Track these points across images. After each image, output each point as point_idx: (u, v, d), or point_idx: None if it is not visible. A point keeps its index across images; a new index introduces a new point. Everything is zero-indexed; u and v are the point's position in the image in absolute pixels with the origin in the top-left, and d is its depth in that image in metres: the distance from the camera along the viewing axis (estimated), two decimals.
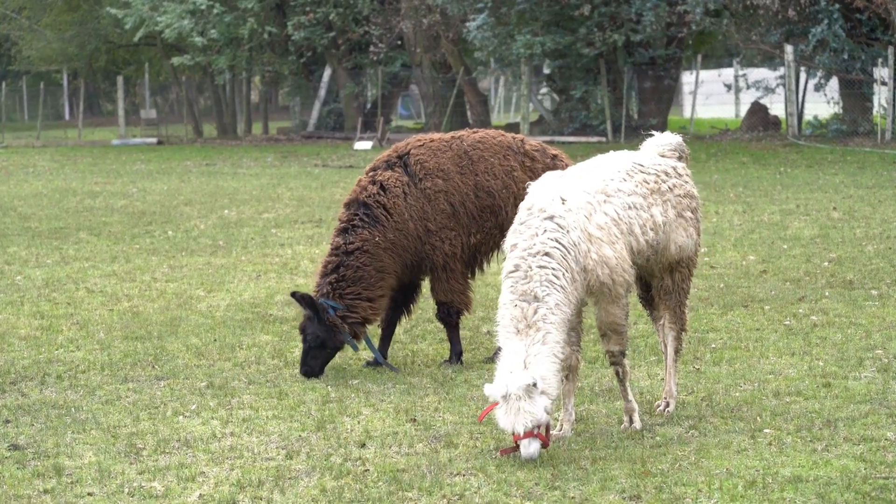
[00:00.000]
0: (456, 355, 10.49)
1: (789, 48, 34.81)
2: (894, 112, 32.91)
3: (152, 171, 31.70)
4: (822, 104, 37.12)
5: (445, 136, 10.67)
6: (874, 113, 34.94)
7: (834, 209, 19.53)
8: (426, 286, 10.69)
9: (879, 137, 32.92)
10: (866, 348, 10.36)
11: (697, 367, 9.97)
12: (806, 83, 36.93)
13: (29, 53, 52.67)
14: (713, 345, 10.72)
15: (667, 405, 8.71)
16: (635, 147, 9.04)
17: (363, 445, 8.10)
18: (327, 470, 7.58)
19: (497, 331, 7.79)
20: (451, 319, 10.49)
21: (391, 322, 10.67)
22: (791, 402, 8.82)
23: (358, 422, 8.68)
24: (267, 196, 24.36)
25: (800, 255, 15.19)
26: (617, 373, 8.31)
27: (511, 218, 9.92)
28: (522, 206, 8.07)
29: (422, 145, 10.53)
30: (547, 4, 35.63)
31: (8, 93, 55.25)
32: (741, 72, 45.57)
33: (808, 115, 37.15)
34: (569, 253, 7.79)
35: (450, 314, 10.48)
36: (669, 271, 8.62)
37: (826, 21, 33.18)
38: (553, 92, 42.61)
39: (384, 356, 10.55)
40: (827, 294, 12.68)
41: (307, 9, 40.92)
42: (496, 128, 14.50)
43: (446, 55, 40.99)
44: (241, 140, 45.44)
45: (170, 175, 30.42)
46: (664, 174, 8.51)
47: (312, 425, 8.58)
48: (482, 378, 9.30)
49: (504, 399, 7.43)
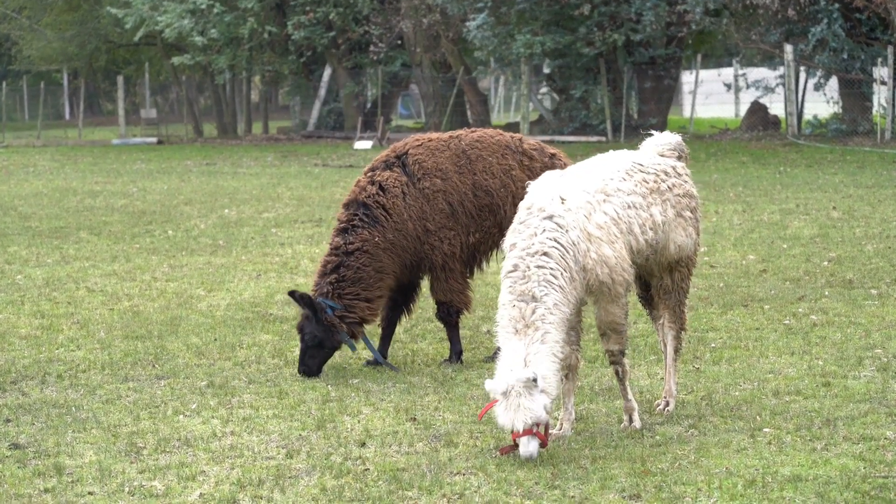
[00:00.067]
0: (456, 354, 10.50)
1: (789, 48, 34.80)
2: (894, 111, 32.90)
3: (152, 171, 31.70)
4: (822, 104, 37.11)
5: (443, 136, 10.66)
6: (874, 112, 34.93)
7: (833, 209, 19.54)
8: (426, 285, 10.70)
9: (879, 137, 32.92)
10: (866, 347, 10.36)
11: (697, 367, 9.98)
12: (805, 83, 36.92)
13: (29, 53, 52.66)
14: (713, 344, 10.72)
15: (666, 404, 8.71)
16: (635, 146, 9.04)
17: (363, 444, 8.11)
18: (327, 469, 7.59)
19: (496, 331, 7.80)
20: (451, 319, 10.50)
21: (391, 321, 10.67)
22: (790, 402, 8.83)
23: (358, 421, 8.68)
24: (267, 195, 24.37)
25: (799, 255, 15.20)
26: (616, 372, 8.32)
27: (509, 217, 9.93)
28: (522, 206, 8.07)
29: (420, 145, 10.52)
30: (547, 4, 35.63)
31: (8, 92, 55.23)
32: (741, 71, 45.59)
33: (808, 115, 37.15)
34: (567, 252, 7.79)
35: (449, 313, 10.49)
36: (669, 271, 8.62)
37: (826, 20, 33.18)
38: (553, 91, 42.60)
39: (384, 355, 10.55)
40: (826, 293, 12.69)
41: (307, 8, 40.92)
42: (496, 127, 14.50)
43: (446, 55, 40.99)
44: (242, 139, 45.44)
45: (170, 174, 30.42)
46: (663, 173, 8.51)
47: (313, 424, 8.59)
48: (482, 377, 9.30)
49: (504, 395, 7.44)
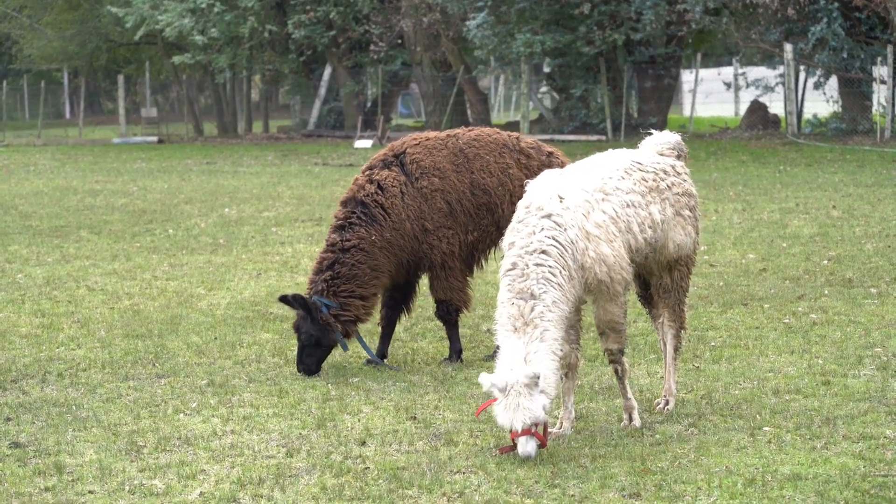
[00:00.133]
0: (455, 353, 10.50)
1: (789, 47, 34.81)
2: (893, 110, 32.91)
3: (153, 170, 31.70)
4: (822, 103, 37.11)
5: (441, 135, 10.67)
6: (873, 111, 34.92)
7: (833, 207, 19.54)
8: (425, 284, 10.70)
9: (879, 136, 32.91)
10: (865, 346, 10.37)
11: (697, 365, 9.98)
12: (805, 82, 36.92)
13: (30, 52, 52.65)
14: (713, 343, 10.73)
15: (666, 403, 8.72)
16: (635, 146, 9.04)
17: (363, 443, 8.12)
18: (328, 468, 7.60)
19: (495, 329, 7.81)
20: (451, 317, 10.51)
21: (391, 320, 10.67)
22: (790, 400, 8.83)
23: (358, 420, 8.69)
24: (267, 194, 24.37)
25: (799, 254, 15.21)
26: (616, 371, 8.33)
27: (507, 215, 9.95)
28: (521, 205, 8.07)
29: (417, 144, 10.53)
30: (547, 3, 35.63)
31: (9, 91, 55.25)
32: (741, 70, 45.64)
33: (808, 114, 37.15)
34: (566, 251, 7.79)
35: (449, 312, 10.50)
36: (668, 269, 8.63)
37: (825, 20, 33.18)
38: (553, 90, 42.61)
39: (384, 355, 10.56)
40: (826, 292, 12.69)
41: (307, 7, 40.93)
42: (496, 126, 14.51)
43: (446, 54, 41.00)
44: (242, 138, 45.44)
45: (170, 173, 30.42)
46: (662, 172, 8.52)
47: (313, 423, 8.59)
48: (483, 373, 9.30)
49: (503, 393, 7.45)
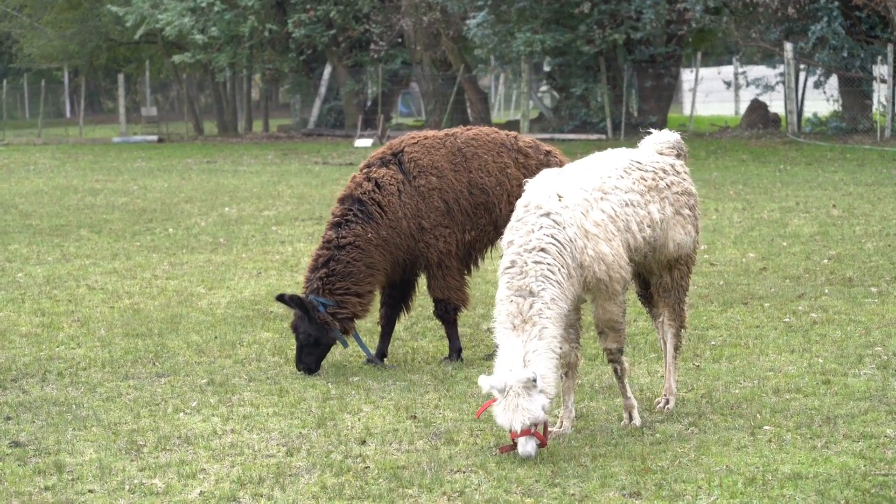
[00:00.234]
0: (455, 352, 10.50)
1: (789, 46, 34.80)
2: (894, 109, 32.90)
3: (153, 169, 31.70)
4: (822, 102, 37.11)
5: (439, 134, 10.66)
6: (873, 110, 34.92)
7: (833, 206, 19.54)
8: (425, 283, 10.69)
9: (879, 135, 32.91)
10: (866, 345, 10.37)
11: (697, 364, 9.98)
12: (805, 81, 36.92)
13: (30, 51, 52.65)
14: (713, 342, 10.73)
15: (666, 402, 8.72)
16: (635, 145, 9.03)
17: (363, 442, 8.11)
18: (328, 467, 7.60)
19: (494, 326, 7.81)
20: (449, 316, 10.50)
21: (390, 319, 10.67)
22: (791, 399, 8.83)
23: (358, 419, 8.69)
24: (267, 193, 24.37)
25: (799, 253, 15.20)
26: (615, 370, 8.33)
27: (505, 214, 9.95)
28: (519, 204, 8.07)
29: (415, 143, 10.52)
30: (547, 2, 35.62)
31: (9, 90, 55.24)
32: (741, 69, 45.63)
33: (808, 113, 37.14)
34: (565, 249, 7.79)
35: (447, 311, 10.49)
36: (668, 269, 8.62)
37: (826, 19, 33.17)
38: (553, 89, 42.61)
39: (384, 354, 10.56)
40: (826, 291, 12.69)
41: (307, 6, 40.93)
42: (496, 125, 14.52)
43: (446, 53, 40.99)
44: (242, 137, 45.44)
45: (170, 172, 30.42)
46: (662, 171, 8.51)
47: (313, 422, 8.59)
48: (482, 375, 9.31)
49: (503, 394, 7.44)
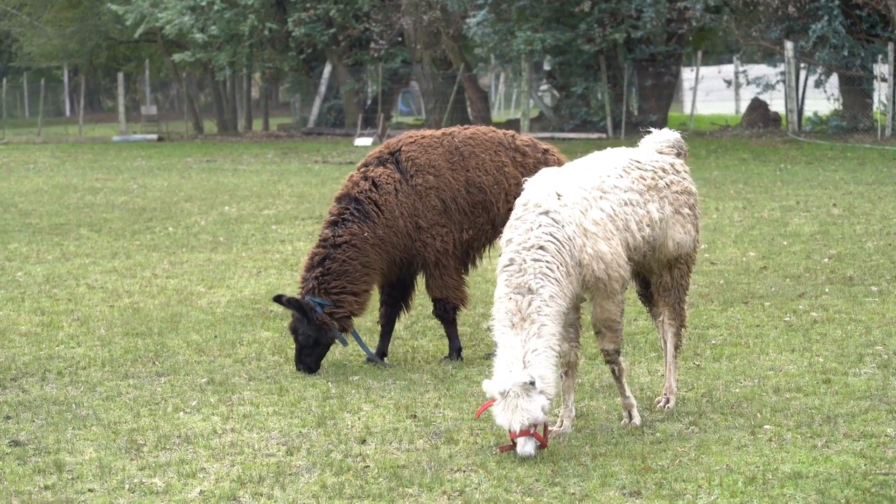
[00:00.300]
0: (455, 351, 10.49)
1: (789, 44, 34.79)
2: (894, 109, 32.89)
3: (153, 168, 31.70)
4: (822, 101, 37.11)
5: (436, 133, 10.65)
6: (874, 109, 34.90)
7: (834, 206, 19.53)
8: (423, 282, 10.69)
9: (879, 134, 32.90)
10: (866, 344, 10.36)
11: (697, 364, 9.97)
12: (806, 79, 36.91)
13: (30, 50, 52.64)
14: (713, 341, 10.72)
15: (667, 401, 8.71)
16: (635, 144, 9.03)
17: (363, 442, 8.11)
18: (328, 466, 7.59)
19: (492, 325, 7.80)
20: (448, 315, 10.50)
21: (390, 318, 10.66)
22: (791, 399, 8.83)
23: (358, 418, 8.68)
24: (267, 192, 24.37)
25: (800, 252, 15.20)
26: (613, 371, 8.32)
27: (502, 213, 9.95)
28: (518, 202, 8.07)
29: (413, 142, 10.51)
30: (547, 1, 35.62)
31: (9, 89, 55.24)
32: (741, 68, 45.60)
33: (808, 112, 37.14)
34: (563, 247, 7.79)
35: (446, 310, 10.48)
36: (668, 268, 8.61)
37: (826, 17, 33.17)
38: (553, 88, 42.61)
39: (384, 353, 10.56)
40: (827, 290, 12.68)
41: (307, 5, 40.92)
42: (496, 124, 14.51)
43: (447, 52, 40.98)
44: (242, 136, 45.44)
45: (170, 171, 30.42)
46: (661, 170, 8.50)
47: (313, 421, 8.59)
48: (482, 374, 9.31)
49: (502, 395, 7.44)
